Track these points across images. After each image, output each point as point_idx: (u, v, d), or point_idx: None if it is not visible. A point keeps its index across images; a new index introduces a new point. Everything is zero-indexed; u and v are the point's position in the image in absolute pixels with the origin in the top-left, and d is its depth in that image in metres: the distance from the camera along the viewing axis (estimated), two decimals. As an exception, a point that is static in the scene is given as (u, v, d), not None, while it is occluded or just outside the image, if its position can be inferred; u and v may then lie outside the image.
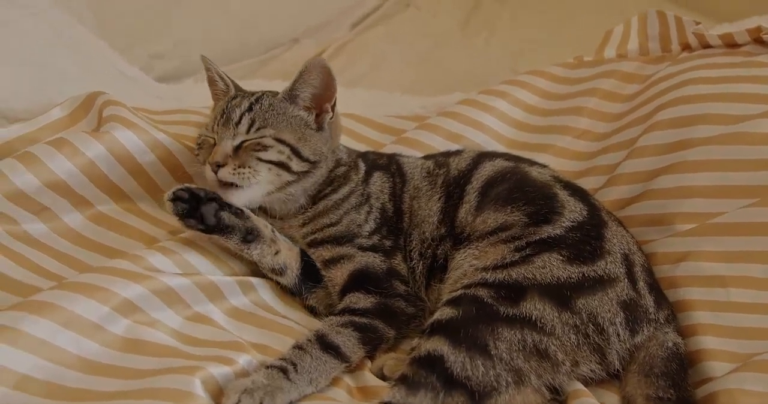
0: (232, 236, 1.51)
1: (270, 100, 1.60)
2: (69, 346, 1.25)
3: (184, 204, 1.49)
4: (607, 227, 1.50)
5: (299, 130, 1.58)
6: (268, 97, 1.60)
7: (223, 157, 1.51)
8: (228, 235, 1.51)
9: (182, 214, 1.49)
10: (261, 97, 1.61)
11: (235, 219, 1.52)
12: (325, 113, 1.61)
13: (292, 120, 1.58)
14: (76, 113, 1.72)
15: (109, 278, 1.35)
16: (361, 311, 1.48)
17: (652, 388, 1.33)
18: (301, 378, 1.32)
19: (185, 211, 1.49)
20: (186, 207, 1.49)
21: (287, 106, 1.59)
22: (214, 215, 1.50)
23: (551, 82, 2.09)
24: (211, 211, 1.50)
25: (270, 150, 1.53)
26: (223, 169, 1.50)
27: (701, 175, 1.65)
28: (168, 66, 2.69)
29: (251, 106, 1.57)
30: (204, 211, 1.50)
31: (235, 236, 1.52)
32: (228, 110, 1.57)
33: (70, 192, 1.58)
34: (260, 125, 1.55)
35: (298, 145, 1.56)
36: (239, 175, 1.51)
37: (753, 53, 1.85)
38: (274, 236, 1.56)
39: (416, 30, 3.29)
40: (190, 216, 1.49)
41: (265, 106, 1.58)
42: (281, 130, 1.56)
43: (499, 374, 1.30)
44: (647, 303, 1.43)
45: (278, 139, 1.55)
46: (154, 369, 1.27)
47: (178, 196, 1.50)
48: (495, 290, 1.38)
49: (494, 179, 1.58)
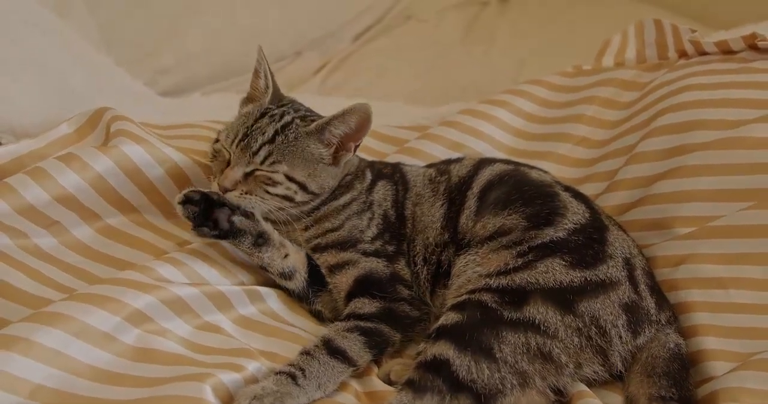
0: (244, 240, 1.54)
1: (296, 132, 1.58)
2: (81, 356, 1.28)
3: (194, 207, 1.51)
4: (608, 231, 1.52)
5: (312, 166, 1.59)
6: (295, 128, 1.59)
7: (232, 183, 1.53)
8: (240, 240, 1.54)
9: (194, 219, 1.51)
10: (289, 125, 1.59)
11: (246, 222, 1.54)
12: (346, 151, 1.63)
13: (308, 156, 1.58)
14: (83, 129, 1.74)
15: (120, 289, 1.37)
16: (367, 316, 1.50)
17: (655, 388, 1.35)
18: (309, 384, 1.34)
19: (196, 214, 1.51)
20: (197, 211, 1.51)
21: (311, 140, 1.59)
22: (228, 220, 1.52)
23: (550, 91, 2.10)
24: (224, 216, 1.52)
25: (279, 186, 1.56)
26: (230, 193, 1.53)
27: (699, 179, 1.66)
28: (173, 80, 2.72)
29: (274, 137, 1.56)
30: (218, 216, 1.52)
31: (247, 240, 1.54)
32: (251, 134, 1.57)
33: (79, 206, 1.60)
34: (276, 160, 1.55)
35: (307, 181, 1.58)
36: (245, 200, 1.54)
37: (748, 59, 1.87)
38: (282, 240, 1.59)
39: (418, 41, 3.31)
40: (203, 224, 1.52)
41: (290, 138, 1.57)
42: (295, 166, 1.56)
43: (504, 377, 1.32)
44: (649, 306, 1.45)
45: (288, 177, 1.56)
46: (165, 377, 1.29)
47: (189, 197, 1.52)
48: (499, 295, 1.40)
49: (492, 183, 1.60)
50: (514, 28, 3.46)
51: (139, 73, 2.49)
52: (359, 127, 1.59)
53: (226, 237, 1.54)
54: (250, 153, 1.55)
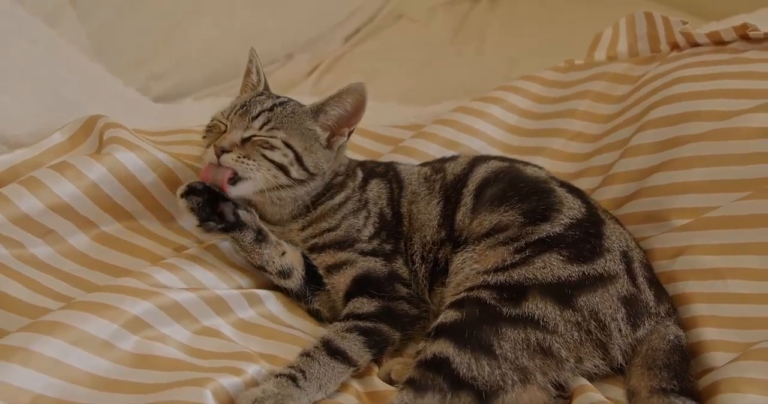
0: (247, 234, 1.54)
1: (294, 107, 1.64)
2: (80, 364, 1.27)
3: (198, 198, 1.52)
4: (605, 225, 1.52)
5: (308, 141, 1.61)
6: (293, 105, 1.64)
7: (230, 144, 1.54)
8: (244, 233, 1.54)
9: (199, 212, 1.52)
10: (287, 102, 1.65)
11: (248, 216, 1.55)
12: (340, 136, 1.64)
13: (305, 131, 1.61)
14: (76, 137, 1.74)
15: (117, 296, 1.37)
16: (365, 315, 1.50)
17: (656, 380, 1.35)
18: (310, 385, 1.34)
19: (200, 205, 1.52)
20: (200, 201, 1.52)
21: (308, 118, 1.62)
22: (233, 212, 1.53)
23: (543, 87, 2.11)
24: (229, 209, 1.53)
25: (276, 151, 1.56)
26: (226, 154, 1.53)
27: (694, 170, 1.67)
28: (165, 86, 2.72)
29: (273, 107, 1.61)
30: (223, 209, 1.53)
31: (250, 234, 1.54)
32: (249, 103, 1.61)
33: (75, 214, 1.60)
34: (274, 126, 1.58)
35: (304, 153, 1.59)
36: (241, 164, 1.53)
37: (740, 50, 1.88)
38: (278, 239, 1.59)
39: (409, 41, 3.31)
40: (208, 218, 1.52)
41: (287, 111, 1.61)
42: (292, 135, 1.59)
43: (505, 373, 1.32)
44: (647, 298, 1.45)
45: (286, 143, 1.57)
46: (165, 382, 1.29)
47: (193, 187, 1.52)
48: (497, 291, 1.40)
49: (488, 180, 1.60)
50: (505, 26, 3.46)
51: (131, 80, 2.49)
52: (354, 110, 1.62)
53: (232, 230, 1.54)
54: (249, 117, 1.57)
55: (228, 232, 1.54)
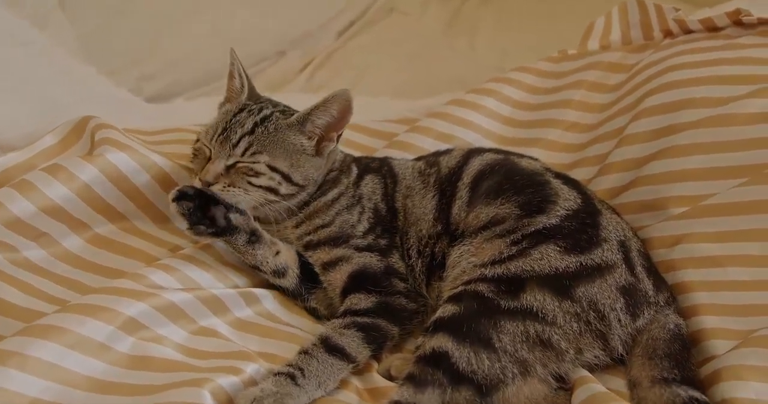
0: (240, 237, 1.53)
1: (276, 123, 1.59)
2: (77, 367, 1.27)
3: (189, 203, 1.51)
4: (601, 215, 1.51)
5: (294, 156, 1.59)
6: (275, 120, 1.60)
7: (214, 176, 1.53)
8: (236, 237, 1.53)
9: (190, 216, 1.51)
10: (269, 117, 1.60)
11: (241, 219, 1.54)
12: (328, 141, 1.63)
13: (290, 146, 1.58)
14: (68, 138, 1.72)
15: (113, 298, 1.36)
16: (363, 311, 1.49)
17: (657, 370, 1.34)
18: (309, 383, 1.33)
19: (191, 210, 1.51)
20: (191, 207, 1.51)
21: (292, 131, 1.59)
22: (224, 217, 1.52)
23: (537, 77, 2.10)
24: (221, 214, 1.52)
25: (261, 177, 1.55)
26: (213, 187, 1.52)
27: (691, 158, 1.66)
28: (157, 86, 2.70)
29: (254, 129, 1.57)
30: (214, 213, 1.52)
31: (242, 237, 1.53)
32: (230, 127, 1.57)
33: (68, 216, 1.59)
34: (256, 150, 1.55)
35: (290, 171, 1.57)
36: (229, 193, 1.53)
37: (733, 36, 1.87)
38: (272, 238, 1.58)
39: (401, 35, 3.29)
40: (199, 222, 1.51)
41: (269, 130, 1.57)
42: (276, 157, 1.56)
43: (505, 366, 1.31)
44: (646, 287, 1.44)
45: (271, 167, 1.56)
46: (163, 384, 1.28)
47: (183, 192, 1.51)
48: (495, 284, 1.39)
49: (483, 173, 1.59)
50: (497, 19, 3.45)
51: (123, 81, 2.48)
52: (341, 115, 1.60)
53: (223, 235, 1.53)
54: (229, 145, 1.55)
55: (219, 236, 1.53)
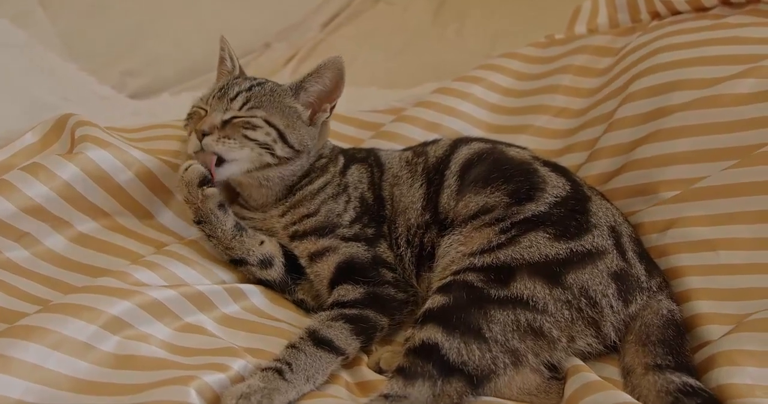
0: (227, 221, 1.54)
1: (273, 86, 1.64)
2: (60, 368, 1.24)
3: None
4: (591, 201, 1.49)
5: (290, 119, 1.60)
6: (271, 84, 1.64)
7: (210, 126, 1.53)
8: (224, 220, 1.53)
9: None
10: (265, 82, 1.65)
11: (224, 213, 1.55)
12: (322, 112, 1.64)
13: (286, 109, 1.61)
14: (48, 137, 1.70)
15: (95, 297, 1.34)
16: (351, 302, 1.47)
17: (650, 357, 1.32)
18: (297, 377, 1.31)
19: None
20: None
21: (287, 96, 1.62)
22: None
23: (525, 63, 2.08)
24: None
25: (258, 130, 1.56)
26: (208, 137, 1.53)
27: (681, 141, 1.64)
28: (141, 82, 2.68)
29: (251, 87, 1.61)
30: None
31: (230, 221, 1.54)
32: (227, 86, 1.61)
33: (49, 215, 1.56)
34: (254, 105, 1.58)
35: (286, 130, 1.58)
36: (224, 144, 1.53)
37: (722, 15, 1.85)
38: (254, 231, 1.59)
39: (388, 25, 3.27)
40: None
41: (265, 90, 1.61)
42: (273, 114, 1.58)
43: (496, 356, 1.29)
44: (638, 273, 1.42)
45: (268, 121, 1.57)
46: (148, 382, 1.25)
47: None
48: (484, 274, 1.37)
49: (471, 161, 1.57)
50: (485, 6, 3.41)
51: (105, 78, 2.46)
52: (334, 84, 1.62)
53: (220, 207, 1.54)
54: (227, 99, 1.58)
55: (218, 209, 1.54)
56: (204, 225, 1.55)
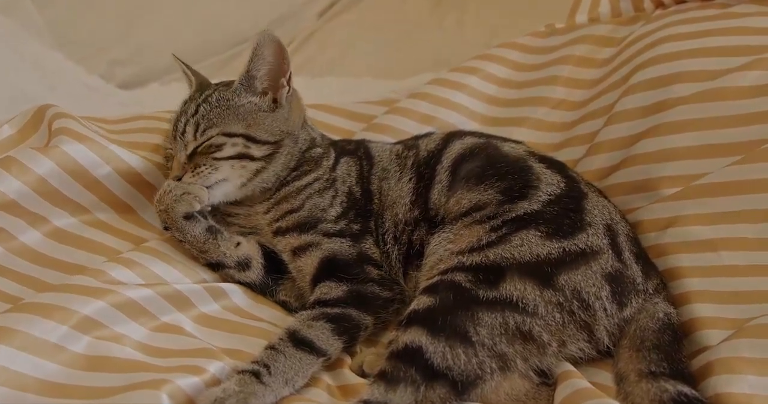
0: (198, 226, 1.50)
1: (219, 93, 1.58)
2: (28, 370, 1.20)
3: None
4: (587, 198, 1.44)
5: (250, 116, 1.55)
6: (217, 92, 1.58)
7: (180, 170, 1.52)
8: (195, 225, 1.50)
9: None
10: (211, 94, 1.58)
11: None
12: (281, 88, 1.59)
13: (240, 109, 1.55)
14: (25, 129, 1.65)
15: (67, 296, 1.29)
16: (333, 301, 1.43)
17: (644, 363, 1.26)
18: (275, 380, 1.26)
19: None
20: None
21: (237, 95, 1.57)
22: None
23: (523, 53, 2.03)
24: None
25: (224, 147, 1.52)
26: (184, 177, 1.51)
27: (683, 135, 1.58)
28: (130, 72, 2.65)
29: (197, 109, 1.56)
30: None
31: (200, 225, 1.50)
32: (177, 120, 1.57)
33: (24, 211, 1.51)
34: (205, 126, 1.53)
35: (250, 130, 1.54)
36: (198, 175, 1.51)
37: (728, 4, 1.79)
38: (231, 234, 1.55)
39: (385, 14, 3.21)
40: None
41: (212, 103, 1.56)
42: (228, 123, 1.54)
43: (483, 361, 1.24)
44: (634, 274, 1.36)
45: (226, 134, 1.53)
46: (120, 385, 1.21)
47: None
48: (472, 273, 1.32)
49: (464, 156, 1.52)
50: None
51: (94, 67, 2.43)
52: (279, 58, 1.57)
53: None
54: (179, 136, 1.54)
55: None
56: (173, 231, 1.51)
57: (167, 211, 1.49)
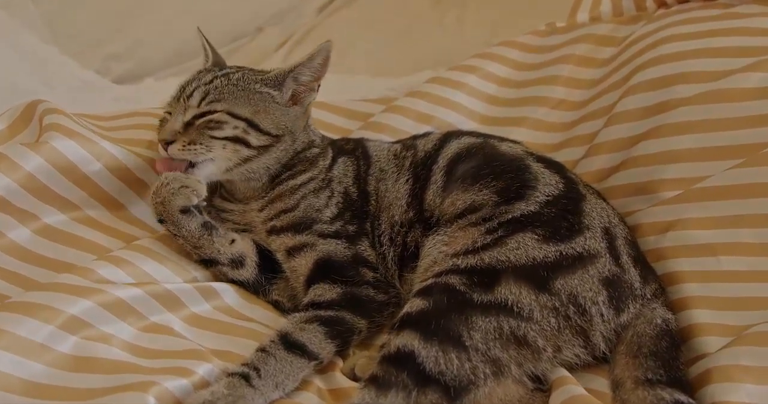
0: (193, 221, 1.47)
1: (242, 74, 1.56)
2: (12, 370, 1.18)
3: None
4: (585, 200, 1.41)
5: (260, 104, 1.52)
6: (241, 72, 1.57)
7: (171, 133, 1.47)
8: (190, 220, 1.46)
9: None
10: (234, 72, 1.56)
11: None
12: (309, 92, 1.58)
13: (254, 95, 1.53)
14: (16, 125, 1.62)
15: (54, 295, 1.27)
16: (327, 303, 1.41)
17: (641, 370, 1.23)
18: (265, 384, 1.24)
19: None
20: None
21: (259, 84, 1.54)
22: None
23: (523, 52, 2.00)
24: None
25: (224, 126, 1.48)
26: (172, 145, 1.46)
27: (684, 137, 1.55)
28: (125, 67, 2.63)
29: (213, 80, 1.53)
30: None
31: (196, 220, 1.47)
32: (186, 84, 1.54)
33: (12, 208, 1.48)
34: (213, 98, 1.50)
35: (255, 118, 1.51)
36: (189, 151, 1.46)
37: (731, 4, 1.76)
38: (225, 230, 1.52)
39: (385, 11, 3.18)
40: None
41: (231, 80, 1.53)
42: (237, 104, 1.50)
43: (476, 366, 1.21)
44: (632, 279, 1.33)
45: (231, 113, 1.49)
46: (105, 387, 1.19)
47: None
48: (467, 276, 1.29)
49: (460, 156, 1.50)
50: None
51: (89, 62, 2.40)
52: (323, 66, 1.56)
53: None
54: (183, 98, 1.51)
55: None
56: (167, 224, 1.48)
57: (164, 204, 1.46)
